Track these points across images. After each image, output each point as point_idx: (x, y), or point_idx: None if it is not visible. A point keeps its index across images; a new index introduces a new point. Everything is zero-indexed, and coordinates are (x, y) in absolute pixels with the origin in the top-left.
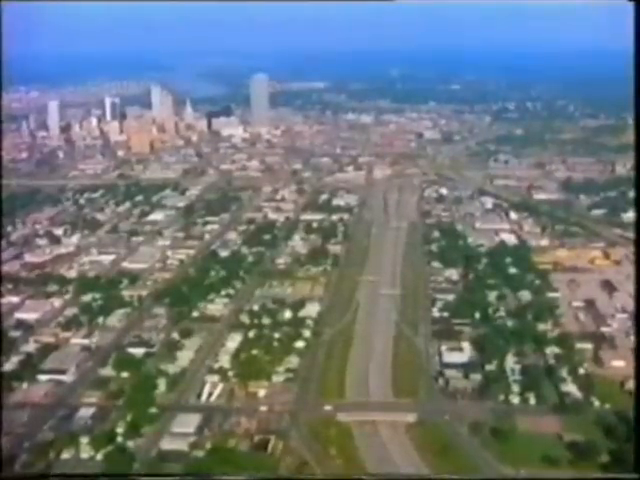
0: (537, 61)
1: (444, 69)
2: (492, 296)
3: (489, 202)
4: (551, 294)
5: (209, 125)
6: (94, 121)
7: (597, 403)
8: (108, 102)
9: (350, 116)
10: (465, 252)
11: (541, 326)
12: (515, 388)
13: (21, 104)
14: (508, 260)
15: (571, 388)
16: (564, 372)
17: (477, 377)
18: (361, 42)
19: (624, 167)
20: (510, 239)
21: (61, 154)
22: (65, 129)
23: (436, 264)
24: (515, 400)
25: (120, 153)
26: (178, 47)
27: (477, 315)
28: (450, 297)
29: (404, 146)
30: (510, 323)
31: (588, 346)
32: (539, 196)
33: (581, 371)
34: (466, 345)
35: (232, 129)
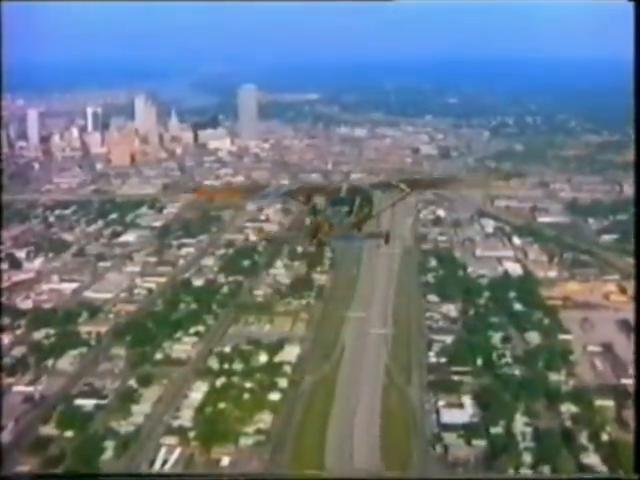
0: (535, 70)
1: (441, 81)
2: (496, 338)
3: (490, 225)
4: (563, 336)
5: (195, 137)
6: (75, 132)
7: None
8: (90, 112)
9: (343, 129)
10: (465, 284)
11: (553, 376)
12: (527, 458)
13: (6, 112)
14: (513, 294)
15: (593, 459)
16: (584, 437)
17: (481, 443)
18: (356, 52)
19: (632, 187)
20: (514, 269)
21: (37, 166)
22: (45, 140)
23: (432, 297)
24: (528, 474)
25: (99, 166)
26: (171, 55)
27: (479, 361)
28: (448, 338)
29: (399, 162)
30: (518, 372)
31: (609, 403)
32: (544, 219)
33: (604, 437)
34: (467, 400)
35: (219, 142)
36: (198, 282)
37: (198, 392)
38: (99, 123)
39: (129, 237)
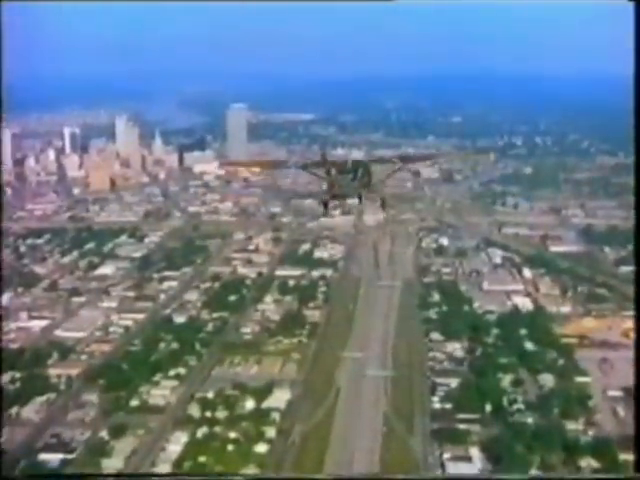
0: (543, 87)
1: (444, 99)
2: (506, 381)
3: (498, 255)
4: (580, 378)
5: (180, 160)
6: (52, 154)
7: None
8: (67, 133)
9: (340, 151)
10: (471, 320)
11: (571, 425)
12: None
13: None
14: (524, 331)
15: None
16: None
17: None
18: (353, 68)
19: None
20: (525, 304)
21: (10, 191)
22: (19, 163)
23: (436, 336)
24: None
25: (76, 191)
26: (156, 72)
27: (488, 407)
28: (453, 382)
29: (399, 186)
30: (531, 420)
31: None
32: (556, 248)
33: None
34: (475, 452)
35: (206, 165)
36: (180, 319)
37: (177, 444)
38: (77, 145)
39: (106, 269)
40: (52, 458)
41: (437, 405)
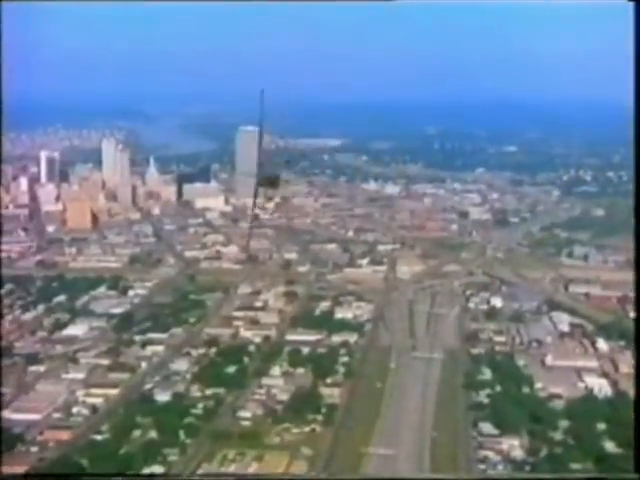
0: (616, 112)
1: (496, 124)
2: None
3: (565, 321)
4: None
5: (179, 193)
6: (24, 183)
7: None
8: (44, 158)
9: (371, 185)
10: (532, 407)
11: None
12: None
13: None
14: (602, 426)
15: None
16: None
17: None
18: (388, 88)
19: None
20: (601, 386)
21: None
22: None
23: (487, 427)
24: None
25: (50, 229)
26: (157, 90)
27: None
28: None
29: (442, 229)
30: None
31: None
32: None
33: None
34: None
35: (209, 199)
36: (163, 396)
37: None
38: (55, 172)
39: (77, 329)
40: None
41: None
